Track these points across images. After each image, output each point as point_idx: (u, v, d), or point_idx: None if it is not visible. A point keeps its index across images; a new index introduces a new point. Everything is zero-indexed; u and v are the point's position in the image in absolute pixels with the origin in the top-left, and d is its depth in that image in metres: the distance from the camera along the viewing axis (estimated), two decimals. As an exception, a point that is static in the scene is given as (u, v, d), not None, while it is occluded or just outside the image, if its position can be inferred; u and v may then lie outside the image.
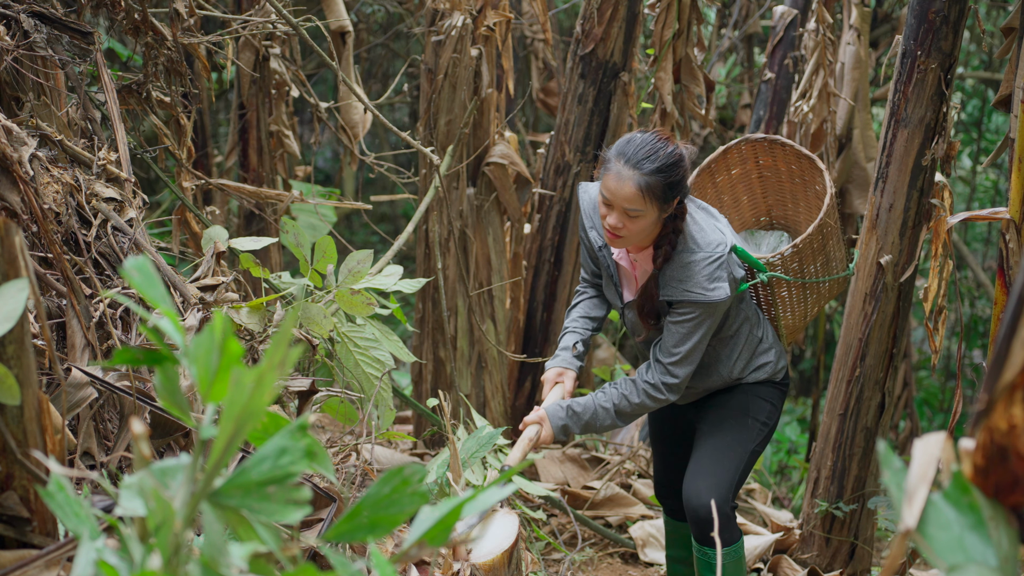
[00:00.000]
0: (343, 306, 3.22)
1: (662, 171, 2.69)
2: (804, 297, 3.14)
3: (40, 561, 1.52)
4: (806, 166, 3.22)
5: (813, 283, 3.14)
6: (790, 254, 3.01)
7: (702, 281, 2.74)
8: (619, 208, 2.72)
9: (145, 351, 1.23)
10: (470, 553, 2.54)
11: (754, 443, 3.02)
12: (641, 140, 2.74)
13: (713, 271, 2.74)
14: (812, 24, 5.19)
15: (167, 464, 1.18)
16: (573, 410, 2.90)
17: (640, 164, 2.69)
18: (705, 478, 2.94)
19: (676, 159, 2.73)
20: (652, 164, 2.69)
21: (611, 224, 2.75)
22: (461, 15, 4.35)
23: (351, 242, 8.58)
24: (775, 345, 3.06)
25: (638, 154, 2.70)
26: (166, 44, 3.60)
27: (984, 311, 8.13)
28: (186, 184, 3.87)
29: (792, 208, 3.35)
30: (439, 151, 4.42)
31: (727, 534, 2.94)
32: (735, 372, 3.00)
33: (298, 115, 8.35)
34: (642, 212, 2.70)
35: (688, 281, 2.75)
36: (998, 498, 1.03)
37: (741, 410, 3.02)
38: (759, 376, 3.01)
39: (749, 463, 3.03)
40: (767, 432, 3.05)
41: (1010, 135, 3.33)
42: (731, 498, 2.95)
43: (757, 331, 3.03)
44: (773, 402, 3.05)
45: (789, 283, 3.07)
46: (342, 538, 1.22)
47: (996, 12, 7.66)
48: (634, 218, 2.72)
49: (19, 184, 2.46)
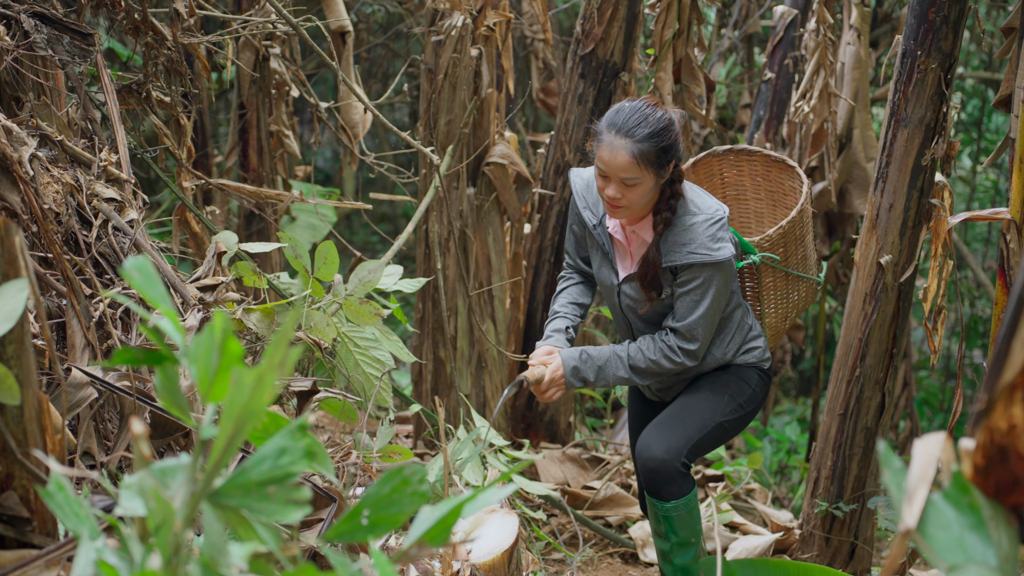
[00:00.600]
0: (350, 316, 3.23)
1: (654, 136, 2.72)
2: (787, 293, 3.16)
3: (40, 561, 1.52)
4: (775, 174, 3.21)
5: (794, 279, 3.16)
6: (777, 236, 3.03)
7: (706, 241, 2.77)
8: (616, 178, 2.76)
9: (145, 351, 1.24)
10: (470, 553, 2.54)
11: (724, 417, 3.02)
12: (630, 108, 2.77)
13: (716, 231, 2.77)
14: (812, 24, 5.19)
15: (167, 464, 1.18)
16: (588, 353, 2.93)
17: (631, 132, 2.72)
18: (660, 431, 2.98)
19: (666, 123, 2.76)
20: (643, 130, 2.72)
21: (610, 195, 2.78)
22: (461, 15, 4.35)
23: (351, 242, 8.58)
24: (763, 335, 3.11)
25: (628, 122, 2.74)
26: (166, 44, 3.60)
27: (984, 311, 8.13)
28: (186, 184, 3.87)
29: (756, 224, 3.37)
30: (439, 151, 4.42)
31: (674, 487, 2.95)
32: (728, 355, 3.03)
33: (298, 115, 8.35)
34: (639, 180, 2.74)
35: (692, 243, 2.78)
36: (998, 498, 1.03)
37: (721, 384, 3.04)
38: (748, 359, 3.05)
39: (715, 434, 3.03)
40: (742, 414, 3.06)
41: (1010, 135, 3.33)
42: (684, 456, 2.96)
43: (748, 318, 3.06)
44: (755, 388, 3.06)
45: (775, 273, 3.09)
46: (342, 538, 1.22)
47: (996, 12, 7.66)
48: (632, 186, 2.75)
49: (19, 184, 2.46)
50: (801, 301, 3.27)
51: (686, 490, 2.97)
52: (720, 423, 3.03)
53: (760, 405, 3.13)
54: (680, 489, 2.96)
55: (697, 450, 3.02)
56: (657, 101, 2.82)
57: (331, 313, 3.19)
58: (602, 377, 2.94)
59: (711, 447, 3.10)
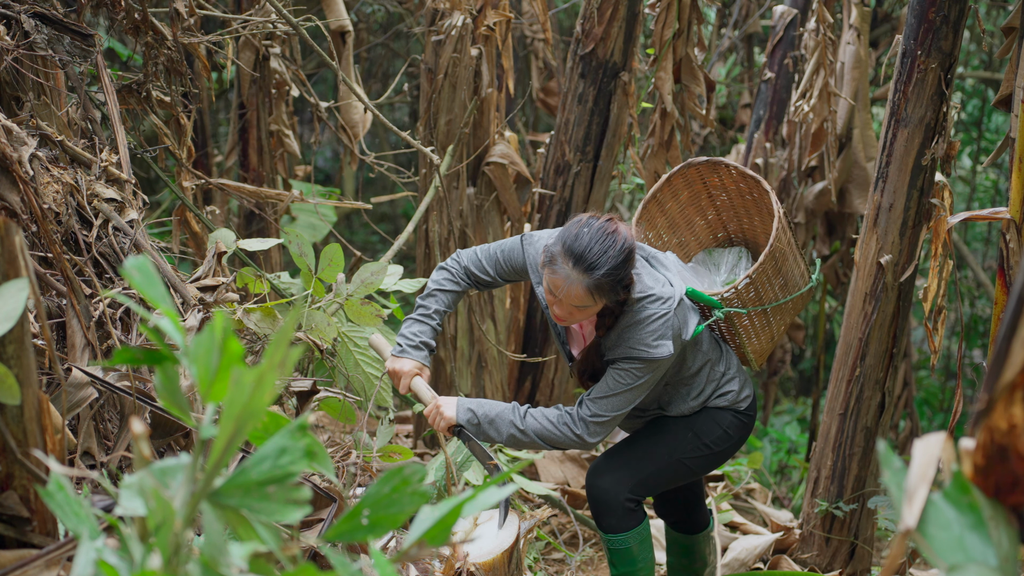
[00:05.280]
0: (352, 316, 3.23)
1: (612, 272, 2.60)
2: (767, 322, 3.08)
3: (40, 561, 1.52)
4: (752, 185, 3.18)
5: (773, 311, 3.07)
6: (744, 286, 2.94)
7: (646, 339, 2.68)
8: (566, 304, 2.66)
9: (145, 351, 1.24)
10: (467, 556, 2.55)
11: (685, 455, 2.94)
12: (590, 238, 2.62)
13: (657, 328, 2.69)
14: (812, 24, 5.19)
15: (167, 464, 1.18)
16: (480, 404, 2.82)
17: (590, 267, 2.59)
18: (610, 463, 2.94)
19: (625, 255, 2.63)
20: (602, 268, 2.59)
21: (557, 314, 2.70)
22: (461, 15, 4.36)
23: (351, 242, 8.58)
24: (739, 375, 3.00)
25: (587, 255, 2.59)
26: (166, 44, 3.60)
27: (984, 311, 8.13)
28: (186, 184, 3.87)
29: (748, 222, 3.30)
30: (439, 151, 4.42)
31: (614, 520, 2.90)
32: (695, 408, 2.94)
33: (298, 115, 8.35)
34: (591, 306, 2.66)
35: (632, 339, 2.70)
36: (998, 498, 1.03)
37: (688, 424, 2.96)
38: (719, 403, 2.95)
39: (672, 471, 2.95)
40: (707, 454, 2.96)
41: (1010, 135, 3.33)
42: (630, 491, 2.90)
43: (719, 366, 2.96)
44: (728, 430, 2.96)
45: (749, 312, 2.99)
46: (342, 538, 1.22)
47: (996, 12, 7.66)
48: (582, 310, 2.67)
49: (19, 184, 2.46)
50: (789, 314, 3.20)
51: (627, 526, 2.91)
52: (679, 460, 2.94)
53: (736, 446, 3.01)
54: (620, 523, 2.90)
55: (648, 485, 2.95)
56: (616, 228, 2.66)
57: (331, 313, 3.20)
58: (491, 424, 2.79)
59: (668, 483, 3.01)
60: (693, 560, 3.31)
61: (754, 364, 3.15)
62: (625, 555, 2.93)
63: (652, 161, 4.74)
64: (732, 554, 3.89)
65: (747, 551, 3.91)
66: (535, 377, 4.89)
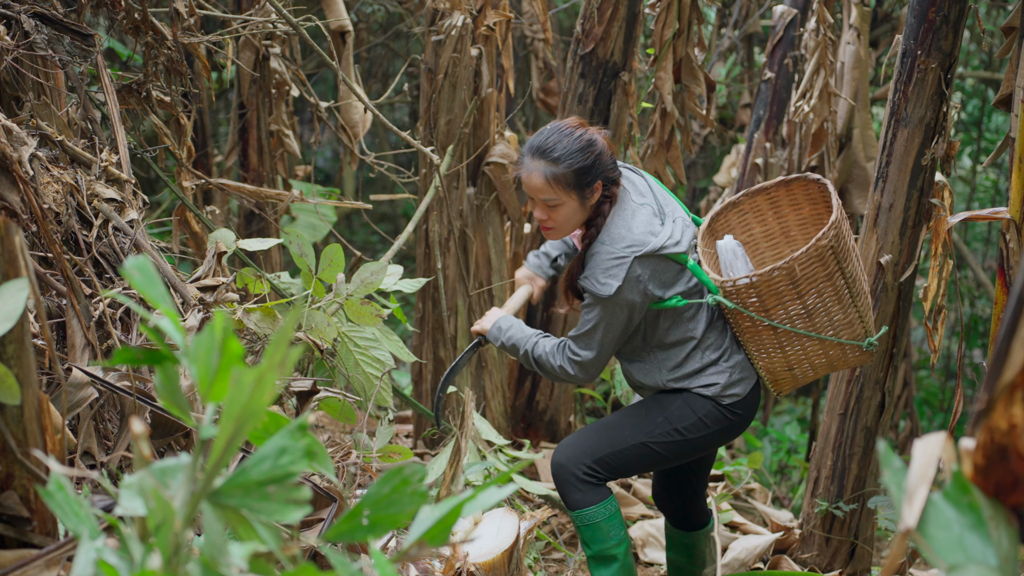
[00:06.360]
0: (352, 316, 3.23)
1: (567, 157, 2.73)
2: (779, 344, 2.87)
3: (40, 561, 1.52)
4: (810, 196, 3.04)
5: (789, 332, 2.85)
6: (743, 285, 2.78)
7: (597, 273, 2.74)
8: (538, 201, 2.79)
9: (145, 351, 1.24)
10: (467, 556, 2.55)
11: (651, 438, 2.90)
12: (550, 130, 2.79)
13: (610, 267, 2.72)
14: (812, 24, 5.19)
15: (167, 464, 1.18)
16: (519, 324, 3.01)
17: (545, 154, 2.74)
18: (572, 440, 2.98)
19: (583, 144, 2.75)
20: (556, 152, 2.73)
21: (538, 217, 2.83)
22: (461, 15, 4.35)
23: (351, 242, 8.58)
24: (734, 371, 2.89)
25: (544, 144, 2.76)
26: (166, 44, 3.60)
27: (984, 311, 8.13)
28: (186, 184, 3.87)
29: None
30: (439, 151, 4.42)
31: (576, 495, 2.92)
32: (672, 384, 2.90)
33: (298, 115, 8.35)
34: (558, 200, 2.76)
35: (588, 269, 2.78)
36: (998, 498, 1.03)
37: (659, 406, 2.91)
38: (701, 391, 2.88)
39: (636, 452, 2.91)
40: (680, 440, 2.89)
41: (1010, 135, 3.33)
42: (586, 466, 2.91)
43: (712, 354, 2.88)
44: (704, 418, 2.88)
45: (754, 320, 2.83)
46: (342, 538, 1.22)
47: (996, 12, 7.66)
48: (554, 207, 2.78)
49: (19, 184, 2.46)
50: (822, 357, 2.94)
51: (592, 500, 2.90)
52: (643, 443, 2.90)
53: (712, 439, 2.92)
54: (582, 498, 2.90)
55: (609, 464, 2.92)
56: (582, 123, 2.80)
57: (331, 313, 3.20)
58: (511, 344, 2.98)
59: (634, 466, 2.95)
60: (693, 558, 3.31)
61: (768, 385, 2.98)
62: (594, 531, 2.92)
63: (652, 161, 4.74)
64: (732, 554, 3.89)
65: (747, 551, 3.91)
66: (535, 377, 4.89)
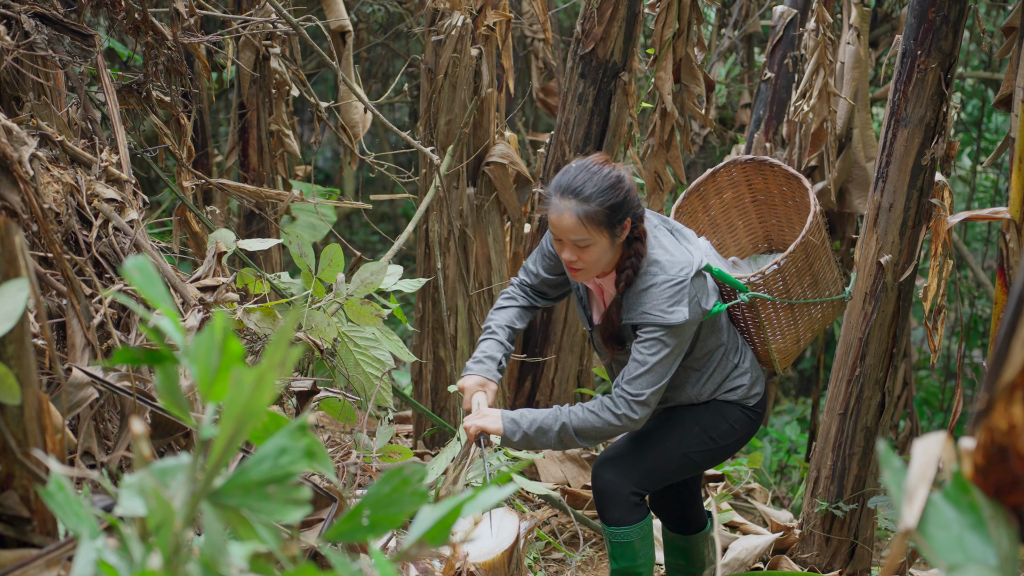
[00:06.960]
0: (352, 316, 3.23)
1: (598, 195, 2.66)
2: (793, 320, 3.06)
3: (40, 561, 1.52)
4: (795, 186, 3.17)
5: (803, 305, 3.05)
6: (771, 272, 2.94)
7: (661, 304, 2.70)
8: (568, 241, 2.70)
9: (145, 351, 1.24)
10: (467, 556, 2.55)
11: (690, 449, 2.95)
12: (576, 168, 2.72)
13: (673, 294, 2.70)
14: (812, 24, 5.19)
15: (167, 464, 1.18)
16: (522, 413, 2.80)
17: (576, 192, 2.66)
18: (616, 456, 2.95)
19: (612, 181, 2.69)
20: (587, 191, 2.66)
21: (566, 259, 2.73)
22: (461, 15, 4.35)
23: (351, 242, 8.58)
24: (752, 370, 3.01)
25: (574, 183, 2.68)
26: (166, 44, 3.60)
27: (984, 311, 8.13)
28: (186, 184, 3.87)
29: (789, 232, 3.28)
30: (439, 151, 4.42)
31: (618, 513, 2.91)
32: (703, 395, 2.95)
33: (298, 115, 8.34)
34: (590, 241, 2.68)
35: (648, 304, 2.72)
36: (998, 498, 1.03)
37: (694, 417, 2.97)
38: (729, 396, 2.96)
39: (678, 464, 2.98)
40: (713, 448, 2.98)
41: (1010, 135, 3.33)
42: (635, 484, 2.92)
43: (733, 357, 2.97)
44: (734, 424, 2.98)
45: (776, 304, 2.99)
46: (342, 538, 1.22)
47: (996, 12, 7.66)
48: (585, 248, 2.69)
49: (19, 184, 2.46)
50: (820, 320, 3.17)
51: (631, 520, 2.92)
52: (685, 454, 2.96)
53: (741, 442, 3.03)
54: (624, 517, 2.91)
55: (653, 479, 2.97)
56: (607, 159, 2.76)
57: (331, 313, 3.20)
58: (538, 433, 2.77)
59: (673, 477, 3.04)
60: (690, 561, 3.30)
61: (777, 366, 3.11)
62: (626, 549, 2.94)
63: (652, 161, 4.74)
64: (732, 554, 3.89)
65: (747, 551, 3.91)
66: (535, 377, 4.89)
